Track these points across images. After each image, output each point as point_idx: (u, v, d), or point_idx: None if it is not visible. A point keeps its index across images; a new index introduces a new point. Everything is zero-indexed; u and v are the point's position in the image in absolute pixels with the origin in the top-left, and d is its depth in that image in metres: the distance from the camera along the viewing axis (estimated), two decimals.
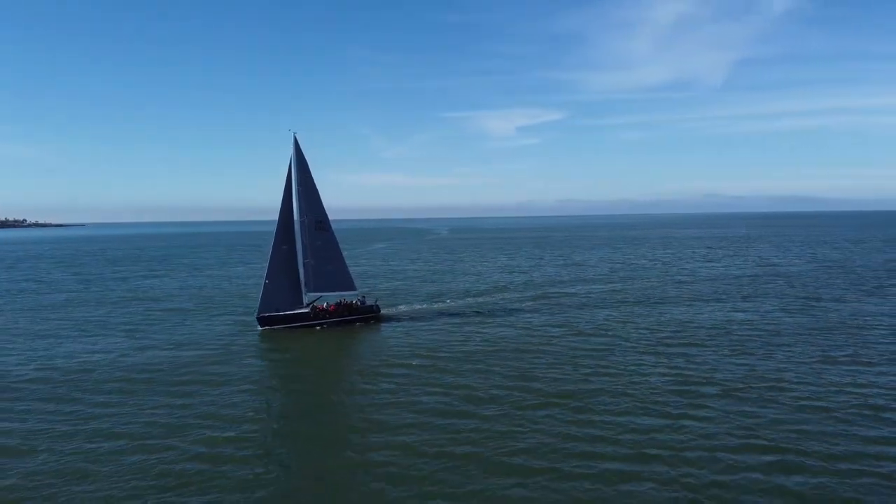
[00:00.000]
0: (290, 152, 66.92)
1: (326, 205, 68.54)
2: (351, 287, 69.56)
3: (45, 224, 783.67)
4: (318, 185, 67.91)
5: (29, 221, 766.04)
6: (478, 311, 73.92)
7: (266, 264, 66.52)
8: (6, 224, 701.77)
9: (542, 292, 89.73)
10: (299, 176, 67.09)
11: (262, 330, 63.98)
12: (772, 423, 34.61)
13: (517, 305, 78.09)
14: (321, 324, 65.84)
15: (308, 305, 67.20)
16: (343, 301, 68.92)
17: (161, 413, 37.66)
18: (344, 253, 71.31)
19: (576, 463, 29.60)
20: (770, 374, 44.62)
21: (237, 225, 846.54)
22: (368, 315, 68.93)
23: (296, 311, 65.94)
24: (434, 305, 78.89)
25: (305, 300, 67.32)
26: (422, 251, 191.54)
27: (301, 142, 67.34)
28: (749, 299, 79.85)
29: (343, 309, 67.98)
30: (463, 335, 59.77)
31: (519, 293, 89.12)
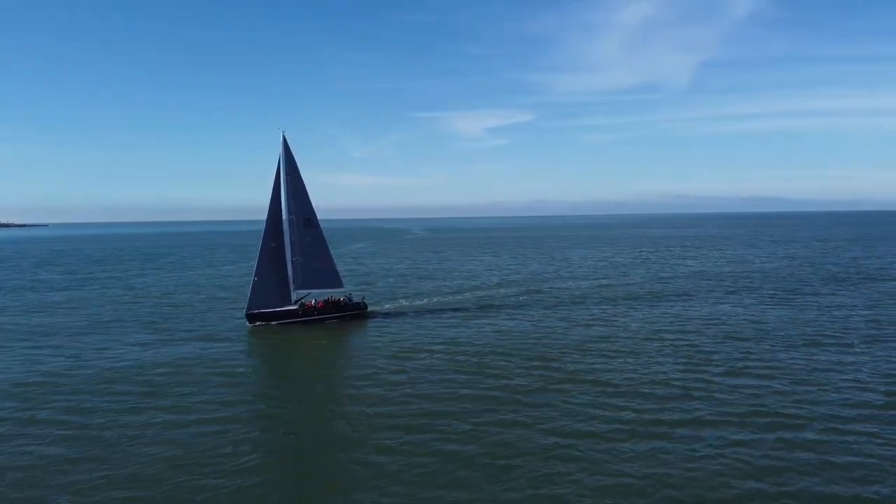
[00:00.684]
0: (279, 151, 68.06)
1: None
2: (338, 284, 70.36)
3: (7, 224, 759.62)
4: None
5: None
6: (465, 308, 75.79)
7: (255, 262, 67.53)
8: None
9: (529, 288, 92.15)
10: (288, 174, 67.96)
11: (251, 326, 64.32)
12: (775, 394, 38.94)
13: (505, 301, 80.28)
14: (309, 320, 66.53)
15: (296, 302, 67.79)
16: (331, 298, 69.59)
17: (148, 411, 37.87)
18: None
19: (566, 455, 30.30)
20: (765, 356, 48.77)
21: (206, 225, 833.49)
22: (356, 312, 69.65)
23: (284, 308, 66.76)
24: (421, 302, 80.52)
25: (294, 297, 68.21)
26: (405, 250, 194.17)
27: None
28: (734, 293, 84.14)
29: (330, 306, 69.12)
30: (450, 331, 61.38)
31: (506, 289, 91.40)
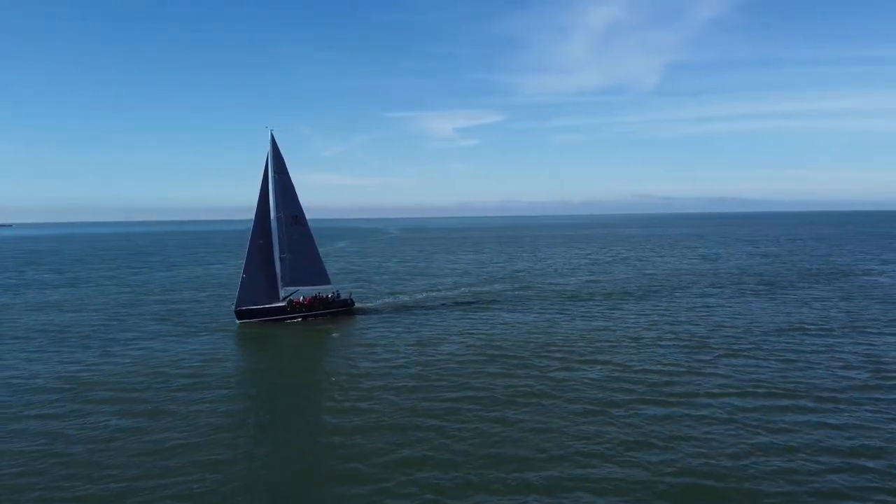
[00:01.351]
0: (267, 149, 68.74)
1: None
2: (326, 281, 71.13)
3: None
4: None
5: None
6: (452, 304, 77.84)
7: (243, 259, 67.94)
8: None
9: (522, 284, 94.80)
10: (277, 172, 69.12)
11: (240, 323, 65.04)
12: (772, 372, 43.04)
13: (493, 297, 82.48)
14: (298, 317, 67.59)
15: (285, 299, 68.75)
16: (318, 295, 69.53)
17: (135, 407, 38.12)
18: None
19: (558, 449, 30.64)
20: (756, 341, 52.92)
21: (163, 225, 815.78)
22: (343, 308, 71.02)
23: (273, 305, 67.79)
24: (408, 298, 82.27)
25: (282, 294, 69.07)
26: (387, 249, 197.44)
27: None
28: (716, 287, 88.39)
29: (318, 302, 70.35)
30: (437, 326, 62.73)
31: (493, 286, 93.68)
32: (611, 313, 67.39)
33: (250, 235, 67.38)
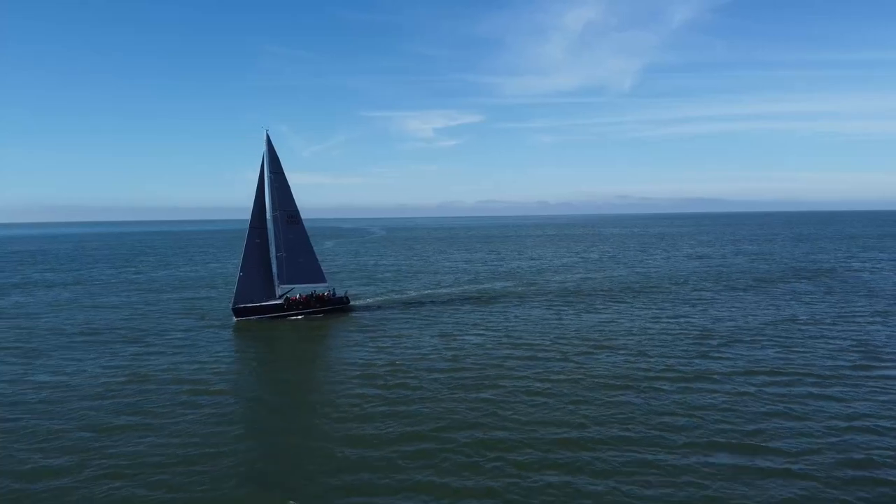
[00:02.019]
0: (264, 149, 69.91)
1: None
2: (321, 279, 72.23)
3: None
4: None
5: None
6: (447, 301, 79.75)
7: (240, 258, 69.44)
8: None
9: (522, 281, 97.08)
10: (272, 172, 70.79)
11: (237, 320, 66.67)
12: (771, 359, 46.42)
13: (491, 294, 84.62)
14: (294, 314, 69.40)
15: (281, 297, 70.11)
16: (314, 293, 70.24)
17: (132, 406, 38.40)
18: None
19: (557, 448, 31.34)
20: (754, 328, 56.95)
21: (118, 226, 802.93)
22: (339, 306, 72.79)
23: (269, 303, 69.42)
24: (403, 296, 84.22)
25: (278, 292, 70.64)
26: (377, 248, 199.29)
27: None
28: (709, 282, 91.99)
29: (315, 300, 72.10)
30: (432, 323, 63.94)
31: (495, 283, 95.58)
32: (615, 307, 70.77)
33: (247, 234, 68.52)
